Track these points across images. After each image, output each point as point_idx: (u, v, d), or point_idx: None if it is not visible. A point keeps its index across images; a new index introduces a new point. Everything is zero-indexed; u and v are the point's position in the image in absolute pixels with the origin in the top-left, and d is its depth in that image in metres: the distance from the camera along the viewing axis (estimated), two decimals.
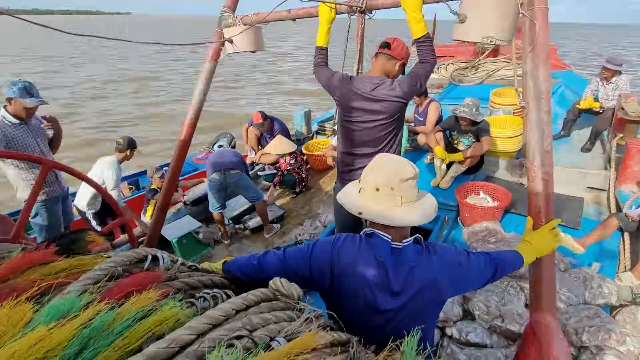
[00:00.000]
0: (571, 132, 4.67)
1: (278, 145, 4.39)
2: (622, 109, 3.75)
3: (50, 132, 2.87)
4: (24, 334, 0.66)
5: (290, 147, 4.40)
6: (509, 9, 1.54)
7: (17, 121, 2.53)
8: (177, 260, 1.03)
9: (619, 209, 3.20)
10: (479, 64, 6.60)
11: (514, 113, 4.43)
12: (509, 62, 6.26)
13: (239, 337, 0.67)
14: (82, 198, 3.38)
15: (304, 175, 4.50)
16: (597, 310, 2.15)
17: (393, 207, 1.05)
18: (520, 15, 1.53)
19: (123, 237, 3.41)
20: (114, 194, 3.20)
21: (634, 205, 2.96)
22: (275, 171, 4.57)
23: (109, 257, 1.01)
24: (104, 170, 3.26)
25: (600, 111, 4.30)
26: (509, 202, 3.19)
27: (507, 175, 3.94)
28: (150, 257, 0.96)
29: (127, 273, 0.90)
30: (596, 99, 4.37)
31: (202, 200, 4.07)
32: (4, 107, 2.51)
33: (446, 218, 3.30)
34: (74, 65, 23.94)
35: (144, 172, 4.94)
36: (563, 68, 7.29)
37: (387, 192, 1.06)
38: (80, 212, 3.45)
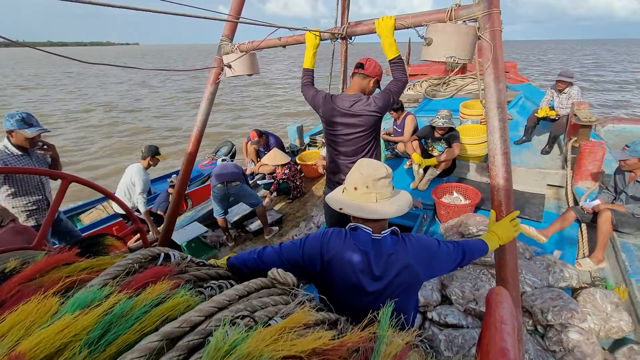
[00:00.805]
0: (532, 137, 4.79)
1: (273, 157, 4.43)
2: (575, 115, 3.88)
3: (49, 159, 2.62)
4: (52, 322, 0.68)
5: (285, 158, 4.44)
6: (467, 31, 1.61)
7: (20, 152, 2.34)
8: (186, 257, 1.05)
9: (576, 202, 3.29)
10: (450, 80, 6.77)
11: (480, 122, 4.54)
12: (474, 78, 6.43)
13: (242, 317, 0.69)
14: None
15: (298, 183, 4.53)
16: (559, 292, 2.19)
17: (369, 203, 1.10)
18: (479, 37, 1.61)
19: (138, 242, 3.41)
20: (141, 197, 3.40)
21: (588, 199, 3.05)
22: (272, 180, 4.61)
23: (125, 256, 1.03)
24: (132, 177, 3.43)
25: (556, 118, 4.43)
26: (479, 200, 3.26)
27: (477, 176, 4.02)
28: (162, 254, 0.98)
29: (142, 269, 0.92)
30: (552, 108, 4.51)
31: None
32: (7, 138, 2.31)
33: (425, 216, 3.35)
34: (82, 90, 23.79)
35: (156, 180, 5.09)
36: (522, 81, 7.50)
37: (363, 191, 1.12)
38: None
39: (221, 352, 0.55)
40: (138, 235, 3.21)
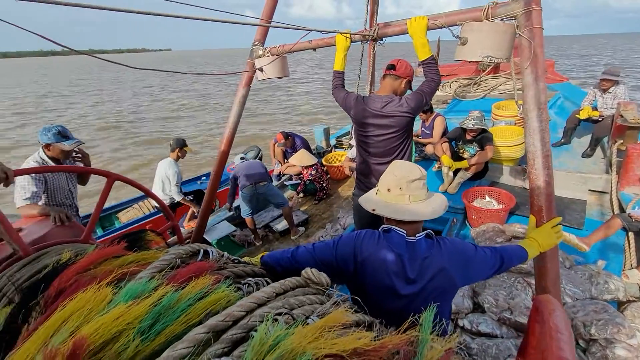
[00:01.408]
0: (571, 140, 4.52)
1: (301, 158, 4.48)
2: (621, 116, 3.61)
3: (80, 164, 2.60)
4: (107, 311, 0.73)
5: (311, 159, 4.47)
6: (505, 30, 1.55)
7: (55, 164, 2.34)
8: (224, 254, 1.09)
9: (621, 209, 3.06)
10: (481, 81, 6.53)
11: (515, 124, 4.34)
12: (508, 78, 6.16)
13: (280, 314, 0.71)
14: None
15: (324, 184, 4.55)
16: (604, 305, 2.05)
17: (402, 205, 1.09)
18: (517, 35, 1.55)
19: (173, 238, 3.58)
20: (175, 188, 3.66)
21: (637, 206, 2.83)
22: (299, 181, 4.65)
23: (167, 251, 1.08)
24: (166, 170, 3.68)
25: (600, 119, 4.15)
26: (513, 205, 3.12)
27: (511, 180, 3.85)
28: (202, 251, 1.03)
29: (183, 264, 0.97)
30: (594, 108, 4.23)
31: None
32: (43, 151, 2.31)
33: (454, 220, 3.25)
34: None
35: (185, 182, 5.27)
36: (561, 80, 7.09)
37: (397, 192, 1.11)
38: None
39: (265, 346, 0.57)
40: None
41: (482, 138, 3.51)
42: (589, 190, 3.50)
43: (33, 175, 2.13)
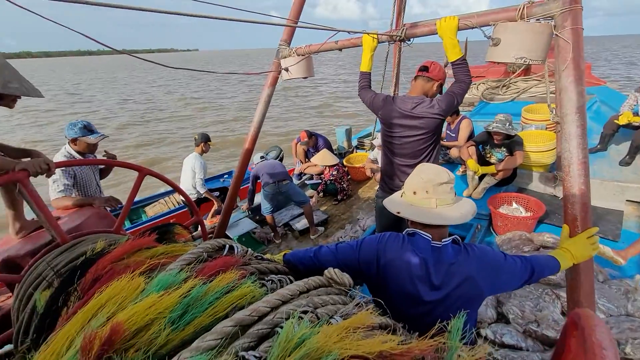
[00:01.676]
0: (608, 147, 4.26)
1: (322, 158, 4.48)
2: None
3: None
4: (141, 299, 0.76)
5: (333, 160, 4.47)
6: (541, 30, 1.49)
7: (81, 158, 2.42)
8: (248, 250, 1.11)
9: None
10: (510, 83, 6.29)
11: (546, 128, 4.15)
12: (540, 80, 5.89)
13: (305, 312, 0.72)
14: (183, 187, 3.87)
15: (345, 185, 4.53)
16: None
17: (428, 209, 1.07)
18: (554, 35, 1.48)
19: (197, 232, 3.70)
20: (199, 180, 3.86)
21: None
22: (320, 181, 4.66)
23: (195, 245, 1.12)
24: (193, 164, 3.87)
25: None
26: (542, 213, 2.98)
27: (540, 187, 3.68)
28: (227, 246, 1.05)
29: (210, 258, 1.00)
30: (635, 114, 3.96)
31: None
32: (69, 145, 2.40)
33: (479, 226, 3.15)
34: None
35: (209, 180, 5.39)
36: (598, 84, 6.70)
37: (423, 195, 1.09)
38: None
39: (291, 343, 0.58)
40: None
41: (512, 142, 3.38)
42: (627, 200, 3.29)
43: (63, 169, 2.26)
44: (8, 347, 1.68)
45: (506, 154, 3.47)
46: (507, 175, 3.52)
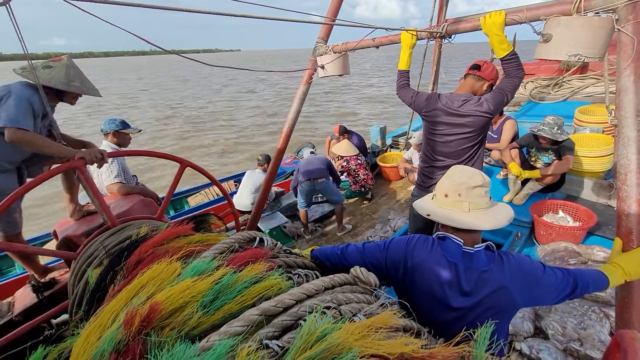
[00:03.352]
0: None
1: (337, 147, 4.51)
2: None
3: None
4: (177, 282, 0.81)
5: (344, 151, 4.43)
6: (601, 25, 1.36)
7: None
8: (277, 243, 1.14)
9: None
10: (564, 81, 5.80)
11: (603, 131, 3.78)
12: (599, 79, 5.37)
13: (328, 308, 0.73)
14: (245, 200, 3.95)
15: (362, 177, 4.44)
16: None
17: (460, 212, 1.03)
18: (616, 30, 1.35)
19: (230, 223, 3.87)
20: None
21: None
22: (349, 181, 4.58)
23: (228, 235, 1.17)
24: (257, 179, 3.89)
25: None
26: (593, 224, 2.72)
27: (593, 195, 3.36)
28: (258, 238, 1.09)
29: (241, 248, 1.04)
30: None
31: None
32: (109, 139, 2.58)
33: (519, 234, 2.96)
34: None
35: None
36: None
37: (455, 199, 1.05)
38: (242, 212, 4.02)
39: (313, 337, 0.59)
40: None
41: (562, 147, 3.10)
42: None
43: (113, 158, 2.46)
44: (64, 317, 1.89)
45: (554, 158, 3.21)
46: (554, 181, 3.26)
